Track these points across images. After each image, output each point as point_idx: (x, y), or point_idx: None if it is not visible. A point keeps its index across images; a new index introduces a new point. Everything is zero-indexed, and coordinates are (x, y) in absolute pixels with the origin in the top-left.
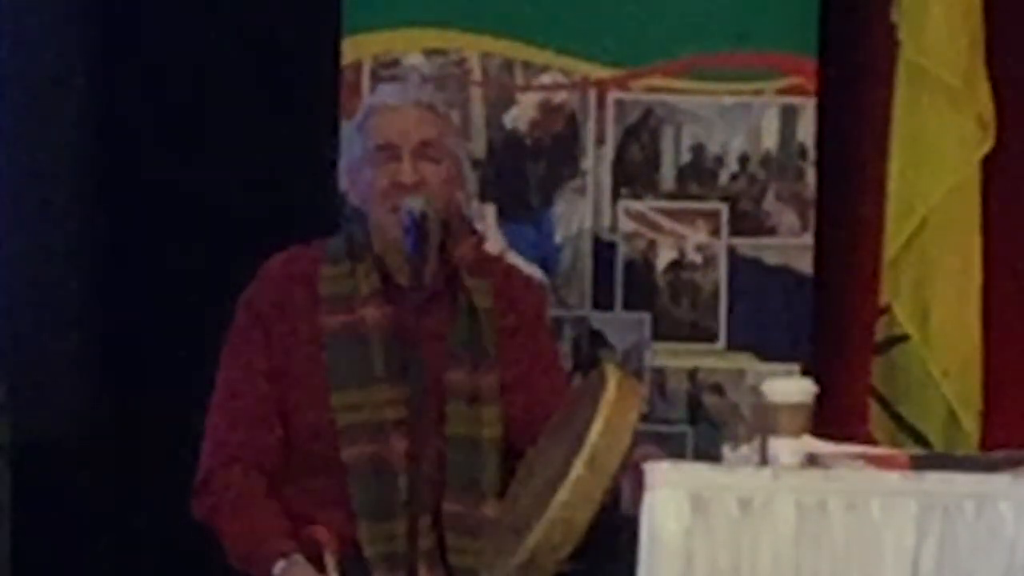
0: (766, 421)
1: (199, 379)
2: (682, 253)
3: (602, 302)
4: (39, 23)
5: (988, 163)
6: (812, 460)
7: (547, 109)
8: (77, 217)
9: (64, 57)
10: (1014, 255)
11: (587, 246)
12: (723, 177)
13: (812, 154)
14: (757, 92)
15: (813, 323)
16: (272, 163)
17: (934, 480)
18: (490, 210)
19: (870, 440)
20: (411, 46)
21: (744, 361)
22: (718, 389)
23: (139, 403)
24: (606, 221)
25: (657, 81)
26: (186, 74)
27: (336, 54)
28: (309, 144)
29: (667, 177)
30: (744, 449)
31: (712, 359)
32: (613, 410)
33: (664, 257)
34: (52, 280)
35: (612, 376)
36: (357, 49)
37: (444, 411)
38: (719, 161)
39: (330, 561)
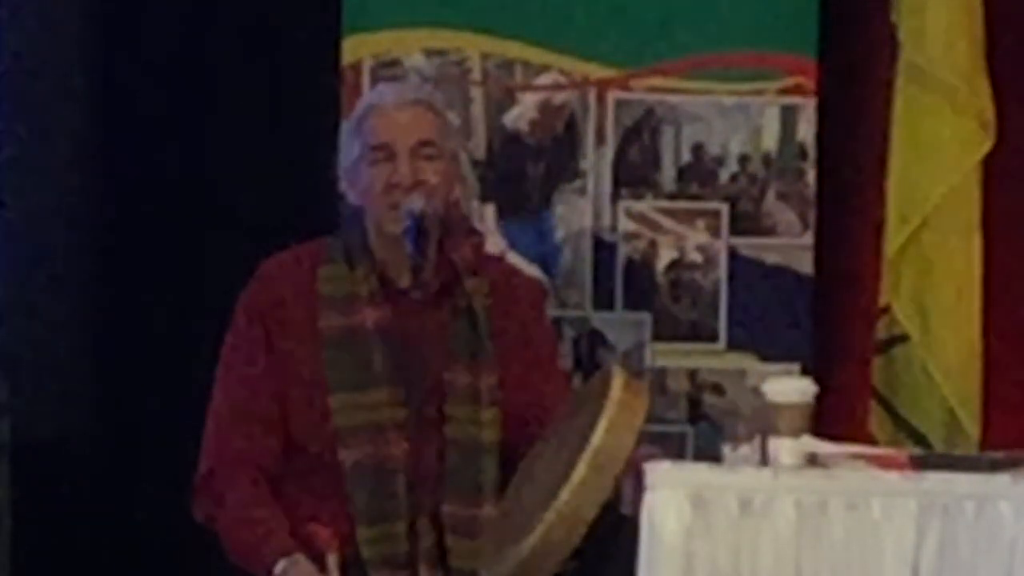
0: (766, 421)
1: (199, 379)
2: (682, 253)
3: (602, 302)
4: (41, 23)
5: (988, 163)
6: (812, 460)
7: (547, 109)
8: (77, 217)
9: (65, 58)
10: (1014, 255)
11: (587, 246)
12: (723, 177)
13: (812, 154)
14: (757, 92)
15: (813, 323)
16: (272, 163)
17: (934, 480)
18: (490, 210)
19: (870, 440)
20: (411, 46)
21: (744, 361)
22: (718, 389)
23: (139, 403)
24: (606, 221)
25: (657, 81)
26: (186, 74)
27: (336, 54)
28: (309, 144)
29: (667, 177)
30: (744, 449)
31: (712, 359)
32: (618, 411)
33: (664, 257)
34: (52, 280)
35: (617, 377)
36: (357, 49)
37: (443, 412)
38: (719, 161)
39: (331, 561)
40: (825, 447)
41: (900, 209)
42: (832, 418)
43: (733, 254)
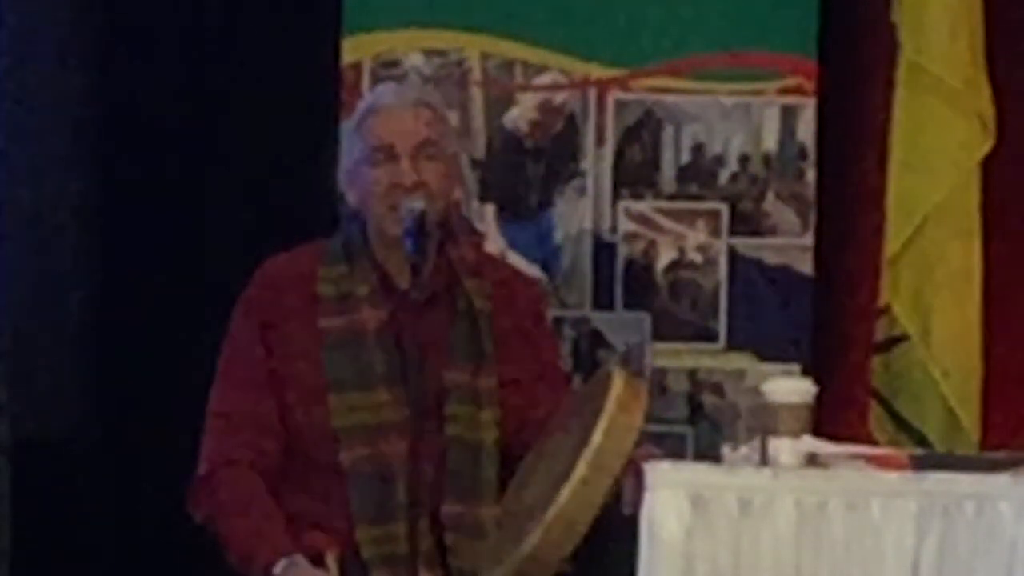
0: (766, 421)
1: (198, 379)
2: (682, 253)
3: (602, 302)
4: (40, 21)
5: (988, 163)
6: (812, 460)
7: (547, 109)
8: (77, 218)
9: (64, 58)
10: (1014, 255)
11: (587, 246)
12: (723, 177)
13: (812, 154)
14: (757, 92)
15: (813, 323)
16: (272, 163)
17: (934, 480)
18: (490, 210)
19: (870, 440)
20: (411, 46)
21: (744, 361)
22: (718, 389)
23: (139, 403)
24: (606, 221)
25: (657, 81)
26: (186, 74)
27: (336, 54)
28: (309, 144)
29: (667, 177)
30: (744, 449)
31: (712, 359)
32: (618, 411)
33: (664, 257)
34: (52, 281)
35: (618, 377)
36: (357, 49)
37: (443, 413)
38: (719, 161)
39: (331, 560)
40: (825, 447)
41: (900, 209)
42: (832, 418)
43: (733, 254)
